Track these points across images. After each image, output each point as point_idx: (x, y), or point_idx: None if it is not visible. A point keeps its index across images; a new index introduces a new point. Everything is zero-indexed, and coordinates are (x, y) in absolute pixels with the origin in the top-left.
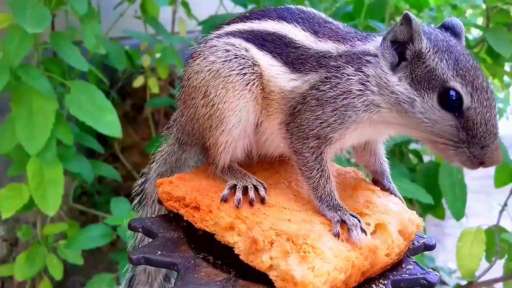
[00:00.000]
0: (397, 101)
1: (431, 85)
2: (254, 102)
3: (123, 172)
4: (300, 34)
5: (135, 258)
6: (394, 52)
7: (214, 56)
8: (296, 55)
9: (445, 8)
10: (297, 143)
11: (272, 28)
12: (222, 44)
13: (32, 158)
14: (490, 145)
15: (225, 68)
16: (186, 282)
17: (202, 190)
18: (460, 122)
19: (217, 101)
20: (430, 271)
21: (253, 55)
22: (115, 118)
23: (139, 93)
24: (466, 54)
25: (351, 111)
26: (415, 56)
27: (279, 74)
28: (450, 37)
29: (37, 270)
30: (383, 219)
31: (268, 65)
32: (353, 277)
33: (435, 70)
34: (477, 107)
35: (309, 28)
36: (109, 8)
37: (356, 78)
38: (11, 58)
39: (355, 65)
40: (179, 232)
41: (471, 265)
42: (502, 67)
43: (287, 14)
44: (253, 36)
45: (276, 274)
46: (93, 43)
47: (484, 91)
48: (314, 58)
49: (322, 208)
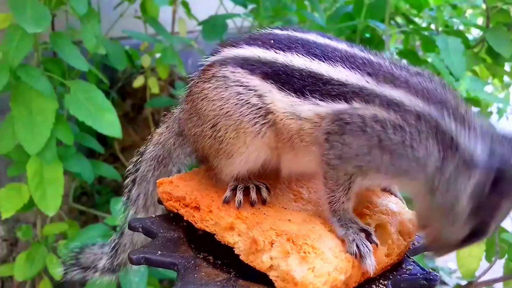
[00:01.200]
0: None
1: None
2: (265, 148)
3: (123, 172)
4: (343, 72)
5: (135, 258)
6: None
7: (226, 92)
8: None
9: (445, 8)
10: (335, 160)
11: (298, 64)
12: (234, 81)
13: (32, 158)
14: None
15: (237, 113)
16: (186, 282)
17: (203, 190)
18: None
19: (226, 139)
20: (430, 272)
21: (267, 102)
22: (115, 118)
23: (139, 93)
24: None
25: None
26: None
27: (294, 105)
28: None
29: (37, 270)
30: (383, 220)
31: (284, 107)
32: (353, 277)
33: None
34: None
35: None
36: (109, 8)
37: (433, 158)
38: (11, 58)
39: (439, 150)
40: (179, 232)
41: (471, 265)
42: (502, 67)
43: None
44: (274, 70)
45: (276, 274)
46: (93, 43)
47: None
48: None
49: (334, 222)
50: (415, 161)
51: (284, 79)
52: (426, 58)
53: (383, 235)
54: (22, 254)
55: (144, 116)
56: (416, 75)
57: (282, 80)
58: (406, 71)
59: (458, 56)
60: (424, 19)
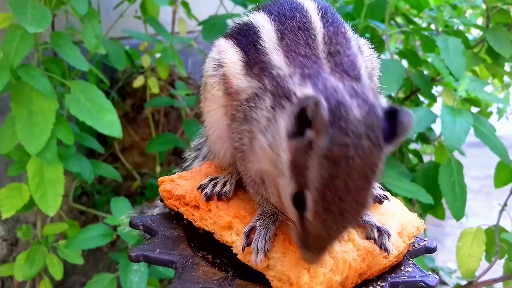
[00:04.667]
0: (274, 164)
1: (298, 177)
2: (218, 104)
3: (123, 172)
4: (269, 34)
5: (134, 255)
6: (298, 121)
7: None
8: (253, 55)
9: (445, 8)
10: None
11: (254, 20)
12: (214, 45)
13: (32, 158)
14: (313, 251)
15: (203, 69)
16: (183, 281)
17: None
18: (301, 220)
19: (202, 99)
20: (429, 274)
21: (224, 57)
22: (115, 118)
23: (139, 93)
24: (355, 174)
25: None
26: (308, 142)
27: (239, 72)
28: (358, 153)
29: (37, 270)
30: (383, 221)
31: (232, 63)
32: (350, 278)
33: (307, 169)
34: (317, 225)
35: (279, 28)
36: (109, 8)
37: (265, 115)
38: (12, 57)
39: (273, 101)
40: (179, 230)
41: (471, 265)
42: (502, 67)
43: (271, 8)
44: (239, 31)
45: (272, 274)
46: (93, 43)
47: (337, 216)
48: (260, 65)
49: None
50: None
51: (239, 38)
52: (426, 58)
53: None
54: (22, 254)
55: (144, 116)
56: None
57: (238, 39)
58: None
59: (458, 56)
60: (424, 19)
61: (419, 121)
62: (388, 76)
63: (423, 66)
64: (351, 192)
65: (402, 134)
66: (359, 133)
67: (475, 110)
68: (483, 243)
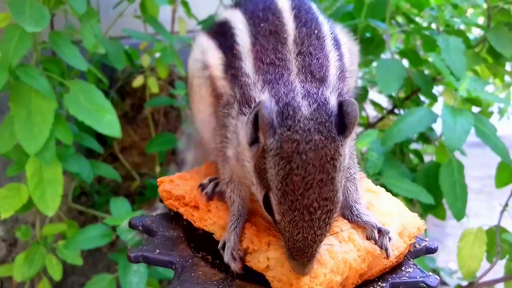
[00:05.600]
0: (244, 174)
1: (263, 182)
2: (206, 104)
3: (122, 172)
4: (244, 38)
5: (133, 256)
6: (254, 128)
7: (190, 56)
8: (231, 60)
9: (446, 8)
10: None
11: (232, 21)
12: (194, 42)
13: (31, 158)
14: (297, 258)
15: (190, 71)
16: (182, 281)
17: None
18: (276, 226)
19: (191, 98)
20: (430, 275)
21: (207, 57)
22: (115, 118)
23: (138, 93)
24: (311, 167)
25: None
26: (262, 146)
27: (220, 76)
28: (310, 147)
29: (36, 270)
30: (383, 221)
31: (216, 65)
32: (350, 279)
33: (267, 172)
34: (287, 226)
35: (253, 32)
36: (108, 7)
37: (233, 123)
38: (10, 57)
39: (238, 109)
40: (178, 231)
41: (472, 266)
42: (503, 66)
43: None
44: (219, 30)
45: (272, 274)
46: (92, 43)
47: (305, 213)
48: (234, 71)
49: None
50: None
51: (221, 38)
52: (427, 58)
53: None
54: (21, 254)
55: (144, 116)
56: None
57: (219, 40)
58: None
59: (459, 55)
60: (425, 18)
61: (420, 121)
62: (389, 76)
63: (424, 65)
64: (312, 187)
65: (350, 123)
66: (308, 128)
67: (476, 110)
68: (484, 244)
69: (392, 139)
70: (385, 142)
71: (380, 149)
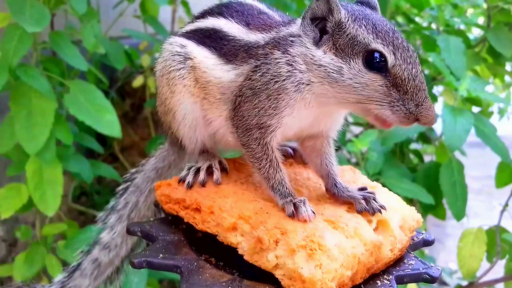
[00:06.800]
0: (326, 73)
1: (355, 51)
2: (189, 94)
3: (122, 172)
4: (234, 27)
5: (137, 262)
6: (315, 28)
7: (161, 58)
8: (229, 47)
9: (446, 8)
10: (243, 136)
11: (211, 24)
12: (166, 44)
13: (31, 158)
14: (423, 103)
15: (166, 67)
16: (191, 284)
17: (202, 192)
18: (389, 81)
19: (164, 98)
20: (432, 266)
21: (188, 51)
22: (115, 118)
23: (138, 93)
24: (383, 19)
25: (283, 93)
26: (335, 27)
27: (215, 65)
28: (365, 8)
29: (36, 270)
30: (385, 216)
31: (203, 57)
32: (359, 273)
33: (356, 36)
34: (402, 63)
35: (242, 21)
36: (108, 7)
37: (283, 60)
38: (10, 57)
39: (281, 49)
40: (179, 234)
41: (472, 266)
42: (503, 66)
43: (225, 9)
44: (194, 34)
45: (282, 272)
46: (92, 43)
47: (405, 50)
48: (244, 49)
49: (276, 196)
50: (281, 76)
51: (200, 38)
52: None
53: (385, 231)
54: (21, 254)
55: (144, 116)
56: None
57: (199, 39)
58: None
59: (459, 55)
60: (425, 18)
61: None
62: None
63: (424, 65)
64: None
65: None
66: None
67: (476, 110)
68: (484, 244)
69: (392, 139)
70: (385, 142)
71: (380, 149)
